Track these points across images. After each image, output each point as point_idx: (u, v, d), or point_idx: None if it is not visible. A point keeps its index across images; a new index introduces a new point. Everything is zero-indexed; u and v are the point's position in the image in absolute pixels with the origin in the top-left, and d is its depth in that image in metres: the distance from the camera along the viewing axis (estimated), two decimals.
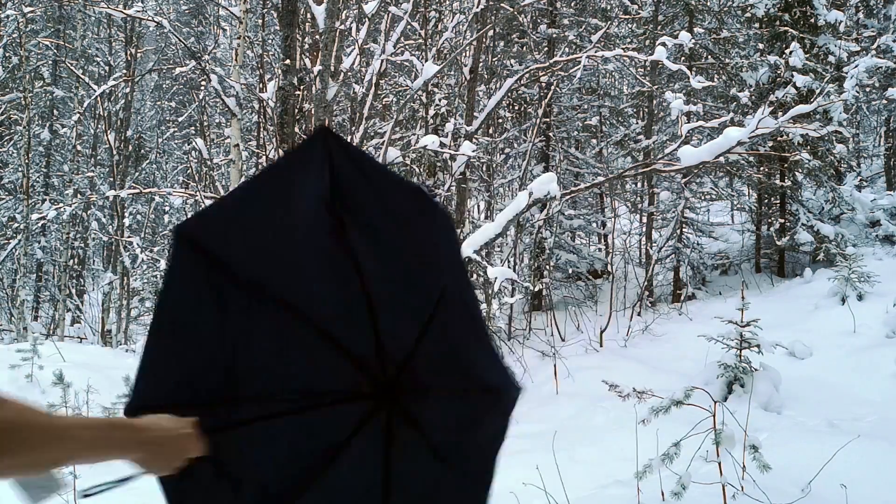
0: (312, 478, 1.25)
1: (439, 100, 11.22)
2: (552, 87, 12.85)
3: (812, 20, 12.71)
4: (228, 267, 1.18)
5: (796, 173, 12.86)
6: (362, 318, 1.27)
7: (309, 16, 8.69)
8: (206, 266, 1.17)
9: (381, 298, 1.28)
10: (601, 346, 9.98)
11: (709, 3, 14.54)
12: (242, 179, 10.33)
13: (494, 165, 14.02)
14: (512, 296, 11.64)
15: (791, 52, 8.22)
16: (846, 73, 8.91)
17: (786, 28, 12.63)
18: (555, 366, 8.23)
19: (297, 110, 7.97)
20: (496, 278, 7.24)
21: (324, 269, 1.24)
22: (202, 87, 15.41)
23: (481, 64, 11.79)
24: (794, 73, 10.87)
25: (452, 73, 12.25)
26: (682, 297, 12.50)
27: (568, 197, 10.61)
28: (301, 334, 1.23)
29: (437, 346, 1.33)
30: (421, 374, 1.33)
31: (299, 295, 1.22)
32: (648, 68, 13.13)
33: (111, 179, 16.28)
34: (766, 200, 14.18)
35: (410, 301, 1.33)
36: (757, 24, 13.02)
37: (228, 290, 1.18)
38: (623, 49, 10.04)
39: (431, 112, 11.07)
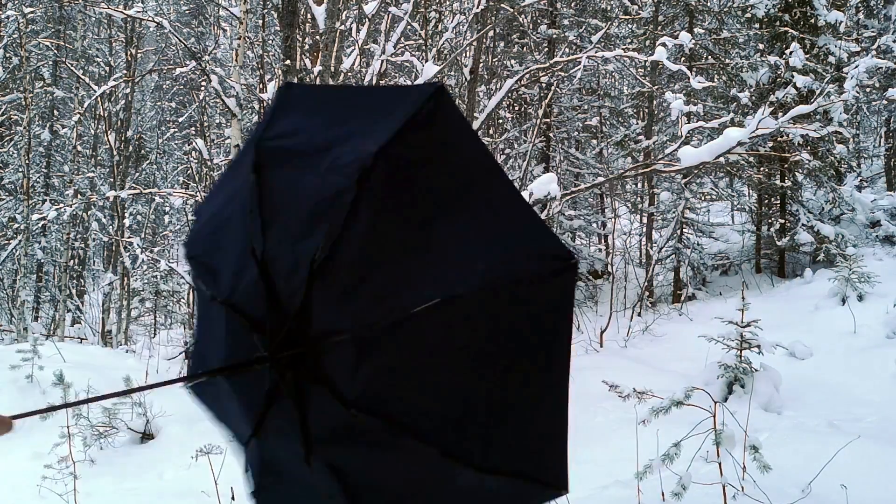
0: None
1: None
2: (552, 88, 12.85)
3: (812, 20, 12.71)
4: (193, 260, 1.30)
5: (796, 174, 12.86)
6: (251, 269, 1.11)
7: (309, 16, 8.69)
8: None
9: (272, 236, 1.10)
10: (601, 346, 9.98)
11: (709, 4, 14.53)
12: None
13: None
14: None
15: (791, 53, 8.19)
16: (846, 73, 8.90)
17: (786, 28, 12.63)
18: None
19: None
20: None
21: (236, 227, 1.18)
22: (202, 88, 15.42)
23: (481, 64, 11.78)
24: (795, 74, 10.85)
25: (453, 73, 12.23)
26: (683, 298, 12.50)
27: (568, 197, 10.60)
28: (215, 312, 1.21)
29: (337, 275, 1.06)
30: (318, 319, 1.07)
31: (216, 272, 1.22)
32: (648, 69, 13.12)
33: (111, 180, 16.28)
34: (766, 201, 14.18)
35: (299, 225, 1.09)
36: (757, 25, 13.02)
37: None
38: (623, 49, 10.03)
39: None
